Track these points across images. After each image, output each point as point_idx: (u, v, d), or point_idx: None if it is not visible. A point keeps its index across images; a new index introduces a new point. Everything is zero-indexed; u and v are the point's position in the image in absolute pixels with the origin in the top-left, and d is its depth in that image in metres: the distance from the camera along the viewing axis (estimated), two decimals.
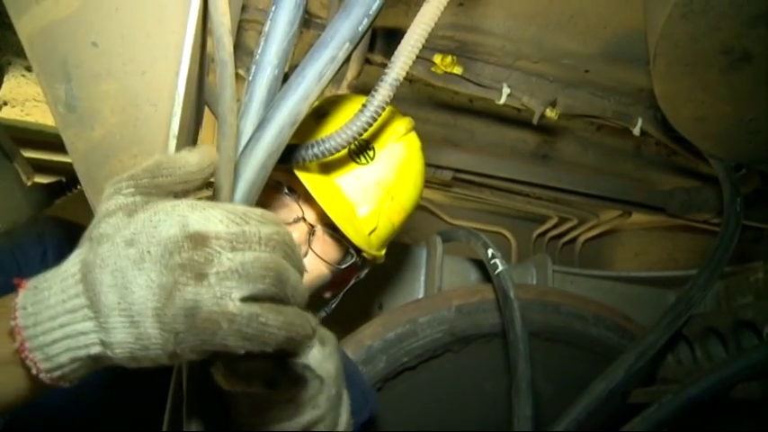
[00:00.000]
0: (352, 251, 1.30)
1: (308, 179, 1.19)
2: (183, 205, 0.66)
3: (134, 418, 1.09)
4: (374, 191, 1.30)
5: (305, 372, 0.85)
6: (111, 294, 0.63)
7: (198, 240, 0.63)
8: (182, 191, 0.72)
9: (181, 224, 0.64)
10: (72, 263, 0.67)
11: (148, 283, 0.62)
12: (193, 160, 0.72)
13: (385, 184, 1.31)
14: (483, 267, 1.84)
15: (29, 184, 1.95)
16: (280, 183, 1.25)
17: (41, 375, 0.65)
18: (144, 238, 0.64)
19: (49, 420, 1.03)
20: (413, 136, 1.41)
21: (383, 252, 1.41)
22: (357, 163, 1.29)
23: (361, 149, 1.30)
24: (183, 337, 0.62)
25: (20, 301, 0.66)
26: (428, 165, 2.17)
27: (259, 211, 0.69)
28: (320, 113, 1.31)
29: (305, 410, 0.86)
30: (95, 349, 0.64)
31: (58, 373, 0.65)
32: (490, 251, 1.75)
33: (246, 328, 0.62)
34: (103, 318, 0.63)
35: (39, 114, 2.21)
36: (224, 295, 0.62)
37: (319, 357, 0.86)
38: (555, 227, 3.09)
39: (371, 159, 1.30)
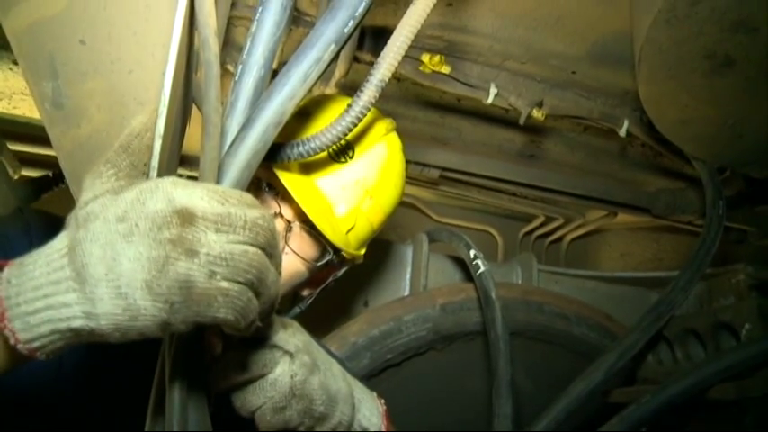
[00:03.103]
0: (330, 249, 1.31)
1: (286, 177, 1.20)
2: (166, 182, 0.69)
3: (116, 394, 1.10)
4: (353, 190, 1.30)
5: (273, 350, 0.92)
6: (100, 266, 0.64)
7: (186, 217, 0.66)
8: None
9: (167, 199, 0.67)
10: (58, 240, 0.69)
11: (137, 256, 0.64)
12: (136, 123, 0.78)
13: (364, 184, 1.32)
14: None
15: (15, 177, 1.95)
16: (259, 179, 1.26)
17: (19, 346, 0.66)
18: (133, 214, 0.66)
19: (30, 396, 1.04)
20: (394, 137, 1.41)
21: (362, 252, 1.42)
22: (336, 162, 1.29)
23: (341, 149, 1.30)
24: (179, 307, 0.65)
25: (4, 275, 0.67)
26: (416, 163, 2.20)
27: (237, 192, 0.72)
28: (302, 113, 1.31)
29: (283, 382, 0.92)
30: (77, 322, 0.65)
31: (36, 344, 0.66)
32: (472, 252, 1.77)
33: (238, 300, 0.67)
34: (90, 288, 0.64)
35: (26, 108, 2.20)
36: (213, 274, 0.66)
37: (285, 336, 0.94)
38: (541, 226, 3.11)
39: (351, 158, 1.30)
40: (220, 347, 0.90)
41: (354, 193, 1.31)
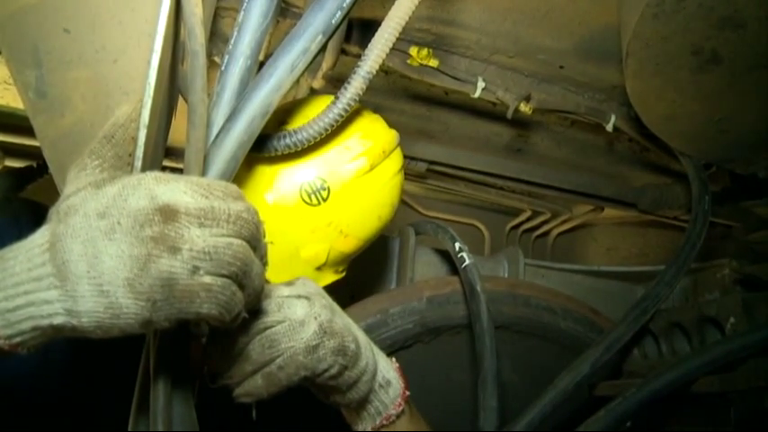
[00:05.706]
0: None
1: None
2: (148, 178, 0.69)
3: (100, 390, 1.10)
4: (324, 232, 1.22)
5: (283, 300, 0.89)
6: (81, 263, 0.64)
7: (168, 214, 0.65)
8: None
9: (149, 196, 0.66)
10: (40, 234, 0.68)
11: (119, 254, 0.63)
12: (120, 113, 0.78)
13: (337, 225, 1.23)
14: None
15: None
16: None
17: (0, 342, 0.66)
18: (115, 211, 0.65)
19: (16, 383, 1.04)
20: (385, 165, 1.29)
21: (342, 272, 1.38)
22: (307, 204, 1.19)
23: (313, 190, 1.19)
24: (161, 305, 0.65)
25: None
26: (403, 156, 2.19)
27: (223, 183, 0.71)
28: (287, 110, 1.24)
29: (309, 322, 0.89)
30: (59, 319, 0.65)
31: (17, 339, 0.66)
32: (457, 245, 1.76)
33: (221, 295, 0.67)
34: (71, 286, 0.64)
35: (10, 97, 2.17)
36: (196, 270, 0.65)
37: (293, 288, 0.92)
38: (528, 220, 3.11)
39: (324, 200, 1.19)
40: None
41: (326, 234, 1.23)
